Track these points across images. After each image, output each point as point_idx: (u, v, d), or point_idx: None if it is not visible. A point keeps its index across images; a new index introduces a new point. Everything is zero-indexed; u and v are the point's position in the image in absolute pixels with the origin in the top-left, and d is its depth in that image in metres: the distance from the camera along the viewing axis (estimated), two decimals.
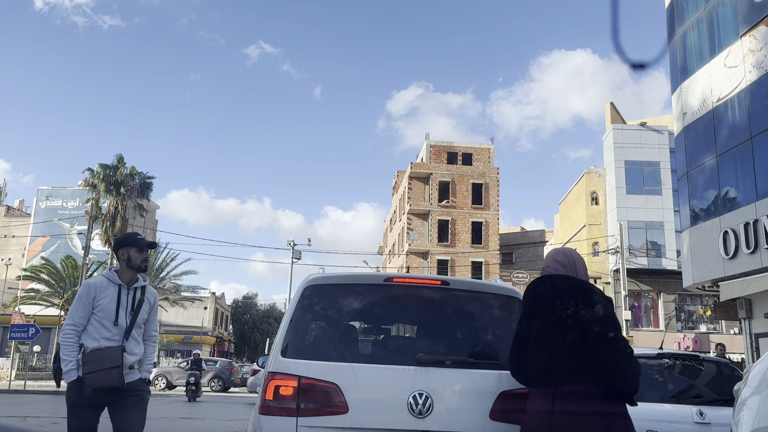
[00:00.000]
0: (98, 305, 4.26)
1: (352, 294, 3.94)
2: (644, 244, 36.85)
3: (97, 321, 4.24)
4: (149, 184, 43.61)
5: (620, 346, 2.89)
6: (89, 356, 4.17)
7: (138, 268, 4.41)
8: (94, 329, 4.23)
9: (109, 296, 4.29)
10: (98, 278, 4.38)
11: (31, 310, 37.38)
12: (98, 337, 4.22)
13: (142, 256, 4.41)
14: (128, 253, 4.38)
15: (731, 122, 18.49)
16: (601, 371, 2.86)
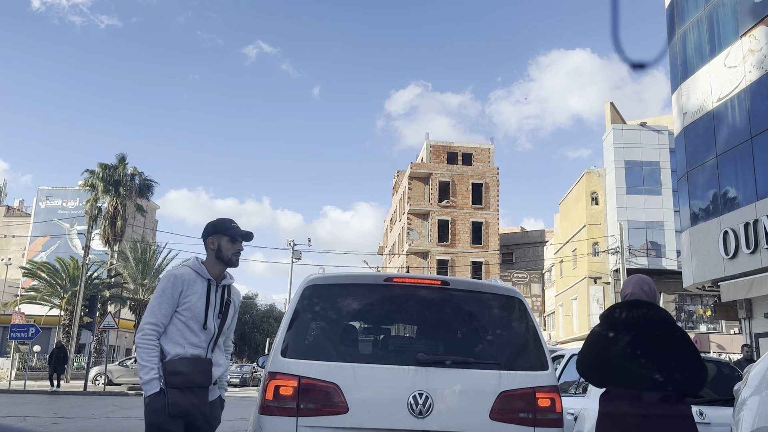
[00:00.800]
0: (185, 302, 3.52)
1: (352, 294, 3.94)
2: (644, 244, 36.85)
3: (181, 322, 3.48)
4: (149, 185, 43.64)
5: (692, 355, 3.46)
6: (173, 365, 3.39)
7: (229, 262, 3.68)
8: (177, 332, 3.47)
9: (197, 292, 3.57)
10: (184, 269, 3.63)
11: (31, 310, 37.37)
12: (182, 342, 3.46)
13: (235, 248, 3.69)
14: (219, 243, 3.66)
15: (731, 122, 18.49)
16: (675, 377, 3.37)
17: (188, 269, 3.62)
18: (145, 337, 3.41)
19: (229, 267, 3.71)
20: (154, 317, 3.46)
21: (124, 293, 42.00)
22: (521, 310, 3.93)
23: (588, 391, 5.37)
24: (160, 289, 3.51)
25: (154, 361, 3.38)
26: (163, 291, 3.50)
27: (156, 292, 3.52)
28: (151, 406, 3.36)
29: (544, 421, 3.55)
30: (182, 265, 3.70)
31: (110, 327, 26.90)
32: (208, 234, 3.71)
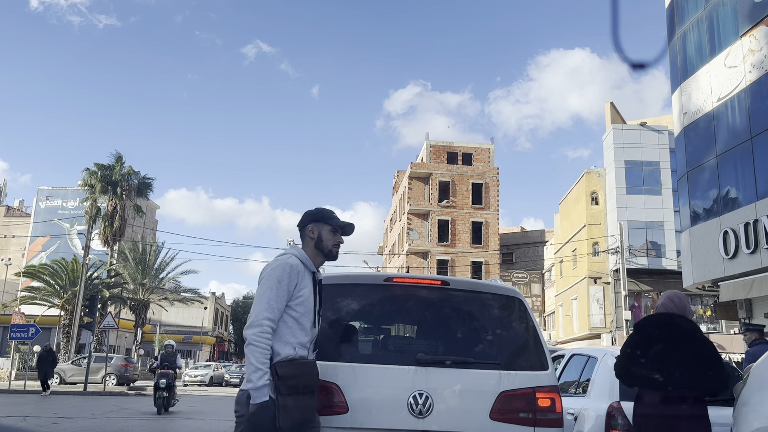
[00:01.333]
0: (299, 296, 3.15)
1: (352, 294, 3.93)
2: (644, 244, 36.84)
3: (293, 318, 3.12)
4: (148, 184, 43.60)
5: (714, 359, 3.92)
6: (286, 368, 3.01)
7: (329, 254, 3.36)
8: (288, 329, 3.10)
9: (308, 286, 3.21)
10: (294, 258, 3.21)
11: (31, 310, 37.37)
12: (293, 342, 3.09)
13: (335, 240, 3.38)
14: (320, 231, 3.36)
15: (731, 122, 18.49)
16: (699, 378, 3.84)
17: (295, 258, 3.22)
18: (263, 335, 2.97)
19: (328, 260, 3.38)
20: (271, 311, 3.02)
21: (124, 293, 41.99)
22: (521, 310, 3.92)
23: (588, 391, 5.37)
24: (275, 280, 3.09)
25: (268, 363, 2.96)
26: (279, 282, 3.09)
27: (269, 282, 3.09)
28: (258, 418, 2.90)
29: (544, 421, 3.55)
30: (287, 253, 3.28)
31: (110, 327, 26.89)
32: (309, 221, 3.39)
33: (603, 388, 5.11)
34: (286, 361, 3.02)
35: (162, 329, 57.23)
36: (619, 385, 5.01)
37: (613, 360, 5.25)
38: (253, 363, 2.93)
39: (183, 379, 39.15)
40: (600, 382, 5.21)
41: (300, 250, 3.33)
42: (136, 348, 38.25)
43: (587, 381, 5.48)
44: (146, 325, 43.84)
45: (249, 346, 2.97)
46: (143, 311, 41.77)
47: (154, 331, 54.29)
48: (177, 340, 61.52)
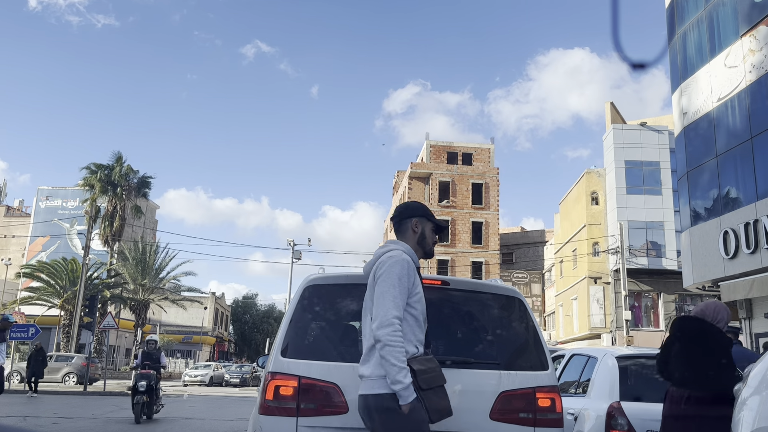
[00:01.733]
0: (416, 293, 3.09)
1: (352, 294, 3.93)
2: (644, 244, 36.84)
3: (412, 316, 3.04)
4: (147, 183, 43.57)
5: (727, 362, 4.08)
6: (421, 363, 2.96)
7: (429, 252, 3.29)
8: (409, 327, 3.02)
9: (419, 283, 3.17)
10: (404, 254, 3.13)
11: (31, 310, 37.39)
12: (413, 340, 3.02)
13: (434, 238, 3.30)
14: (423, 227, 3.28)
15: (731, 122, 18.49)
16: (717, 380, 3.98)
17: (404, 253, 3.11)
18: (396, 334, 2.86)
19: (425, 258, 3.29)
20: (398, 309, 2.93)
21: (124, 293, 41.99)
22: (521, 310, 3.93)
23: (588, 391, 5.37)
24: (396, 277, 2.99)
25: (404, 362, 2.87)
26: (399, 279, 3.00)
27: (391, 279, 2.99)
28: (416, 416, 2.84)
29: (544, 421, 3.55)
30: (395, 249, 3.17)
31: (110, 327, 26.89)
32: (414, 215, 3.26)
33: (603, 388, 5.11)
34: (420, 357, 2.97)
35: (162, 329, 57.26)
36: (619, 385, 5.02)
37: (613, 360, 5.27)
38: (396, 363, 2.84)
39: (183, 379, 39.17)
40: (600, 382, 5.21)
41: (404, 244, 3.21)
42: (136, 348, 38.26)
43: (587, 381, 5.48)
44: (146, 325, 43.82)
45: (386, 347, 2.86)
46: (143, 311, 41.77)
47: (154, 331, 54.27)
48: (177, 340, 61.88)
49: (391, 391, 2.87)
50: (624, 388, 5.00)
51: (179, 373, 49.67)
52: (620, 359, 5.25)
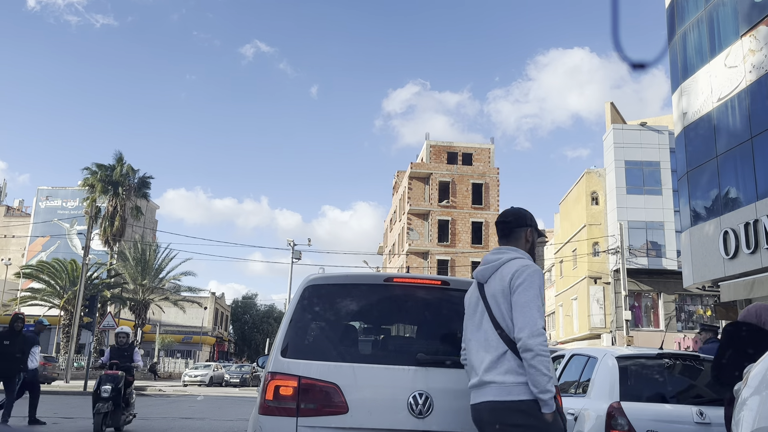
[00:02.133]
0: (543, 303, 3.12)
1: (352, 294, 3.93)
2: (644, 244, 36.84)
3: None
4: (148, 183, 43.61)
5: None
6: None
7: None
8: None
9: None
10: (534, 263, 3.16)
11: (31, 310, 37.39)
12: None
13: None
14: (533, 238, 3.29)
15: (731, 122, 18.49)
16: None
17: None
18: (545, 343, 2.90)
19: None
20: (542, 318, 2.95)
21: (124, 293, 42.01)
22: None
23: (588, 391, 5.37)
24: (537, 287, 2.99)
25: (553, 371, 2.93)
26: (539, 288, 2.99)
27: (534, 290, 2.98)
28: (558, 425, 2.91)
29: None
30: (520, 256, 3.16)
31: (110, 327, 26.84)
32: (529, 224, 3.27)
33: (603, 388, 5.10)
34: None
35: (162, 329, 57.24)
36: (619, 385, 5.02)
37: (613, 360, 5.27)
38: (546, 373, 2.86)
39: (183, 379, 39.15)
40: (600, 382, 5.21)
41: (524, 252, 3.21)
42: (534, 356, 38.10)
43: (587, 381, 5.48)
44: (146, 325, 43.84)
45: (537, 357, 2.85)
46: (143, 311, 41.80)
47: (154, 331, 54.29)
48: (177, 340, 61.91)
49: (533, 398, 2.87)
50: (624, 388, 5.00)
51: (179, 373, 49.66)
52: (620, 359, 5.25)
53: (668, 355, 5.47)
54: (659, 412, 4.89)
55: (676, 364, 5.46)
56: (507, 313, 3.00)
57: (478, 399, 3.01)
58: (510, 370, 2.93)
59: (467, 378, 3.52)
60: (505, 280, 3.02)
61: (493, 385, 2.94)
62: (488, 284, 3.12)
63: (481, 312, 3.11)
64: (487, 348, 3.01)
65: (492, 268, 3.13)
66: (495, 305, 3.04)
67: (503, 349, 2.95)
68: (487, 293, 3.10)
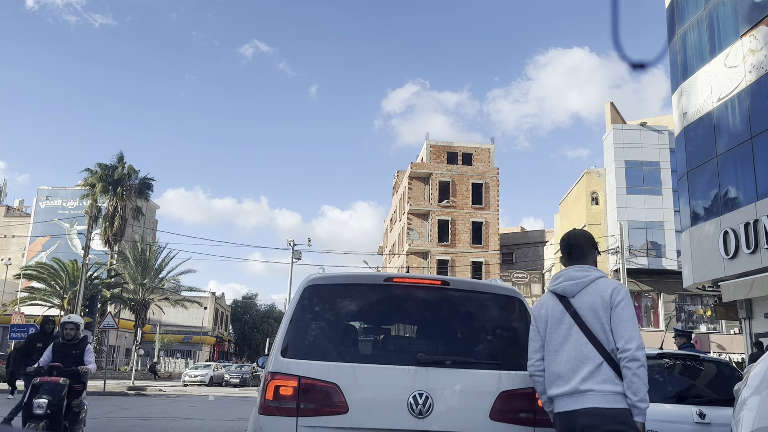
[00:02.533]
0: None
1: (352, 294, 3.94)
2: (644, 244, 36.85)
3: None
4: (149, 184, 43.61)
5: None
6: None
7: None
8: None
9: None
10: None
11: (31, 310, 37.38)
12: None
13: None
14: (596, 258, 3.58)
15: (731, 122, 18.49)
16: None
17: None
18: (644, 356, 3.13)
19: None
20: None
21: (124, 293, 42.00)
22: (521, 310, 3.93)
23: None
24: (632, 304, 3.28)
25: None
26: (634, 307, 3.31)
27: (632, 306, 3.27)
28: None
29: (544, 421, 3.55)
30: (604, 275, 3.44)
31: (110, 327, 26.88)
32: (595, 246, 3.55)
33: None
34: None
35: (162, 329, 57.25)
36: None
37: None
38: (646, 383, 3.06)
39: (183, 379, 39.14)
40: None
41: (600, 270, 3.47)
42: (136, 348, 38.27)
43: None
44: (146, 325, 43.83)
45: (641, 367, 3.06)
46: (143, 311, 41.79)
47: (154, 331, 54.30)
48: (177, 340, 61.91)
49: (627, 407, 3.06)
50: None
51: (179, 373, 49.65)
52: None
53: (668, 355, 5.47)
54: (659, 412, 4.88)
55: (676, 364, 5.46)
56: (606, 326, 3.17)
57: (574, 406, 3.13)
58: (607, 380, 3.09)
59: (468, 378, 3.52)
60: (605, 295, 3.21)
61: (592, 393, 3.09)
62: (577, 298, 3.27)
63: (568, 324, 3.25)
64: (583, 359, 3.15)
65: (581, 284, 3.30)
66: (593, 319, 3.20)
67: (599, 360, 3.12)
68: (577, 307, 3.25)
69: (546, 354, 3.35)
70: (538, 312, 3.43)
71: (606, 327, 3.15)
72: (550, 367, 3.30)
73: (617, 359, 3.10)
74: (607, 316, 3.16)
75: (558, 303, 3.33)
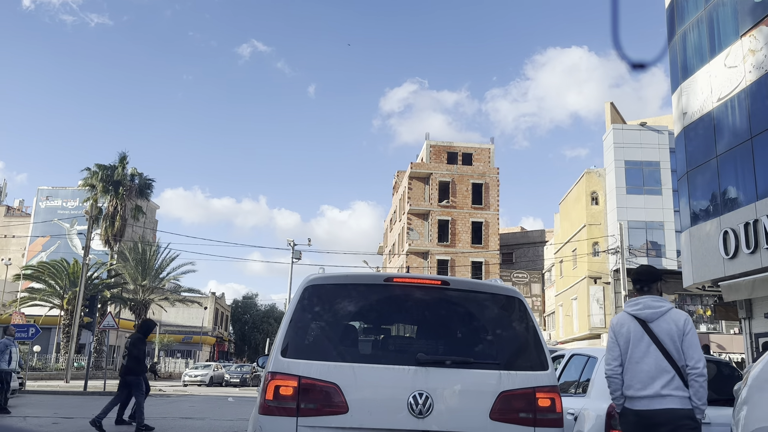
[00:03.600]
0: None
1: (352, 294, 3.93)
2: (644, 244, 36.84)
3: None
4: (149, 184, 43.59)
5: None
6: None
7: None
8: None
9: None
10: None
11: (32, 310, 37.36)
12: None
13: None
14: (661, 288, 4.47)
15: (731, 122, 18.48)
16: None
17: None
18: (706, 372, 4.03)
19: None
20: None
21: (124, 293, 41.99)
22: (521, 310, 3.93)
23: (588, 391, 5.37)
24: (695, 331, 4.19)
25: None
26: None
27: (696, 334, 4.17)
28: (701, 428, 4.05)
29: (544, 421, 3.55)
30: (673, 306, 4.36)
31: (110, 327, 26.86)
32: (660, 278, 4.40)
33: (603, 388, 5.10)
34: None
35: (162, 329, 57.24)
36: None
37: None
38: (706, 392, 3.97)
39: (183, 379, 39.14)
40: (600, 382, 5.21)
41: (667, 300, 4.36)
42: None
43: (587, 381, 5.48)
44: None
45: (705, 381, 3.97)
46: (143, 311, 41.77)
47: (154, 331, 54.24)
48: (177, 340, 61.89)
49: (692, 407, 3.97)
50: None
51: (179, 373, 49.64)
52: None
53: None
54: None
55: None
56: (679, 347, 4.05)
57: (656, 406, 3.96)
58: (678, 387, 3.97)
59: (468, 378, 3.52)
60: (679, 324, 4.09)
61: (671, 397, 3.94)
62: (655, 324, 4.12)
63: (647, 343, 4.09)
64: (662, 371, 4.01)
65: (658, 314, 4.15)
66: (669, 341, 4.06)
67: (673, 372, 4.01)
68: (656, 331, 4.10)
69: (627, 363, 4.12)
70: (619, 329, 4.21)
71: (678, 348, 4.03)
72: (631, 374, 4.09)
73: (685, 374, 3.97)
74: (679, 340, 4.05)
75: (638, 325, 4.14)
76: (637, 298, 4.30)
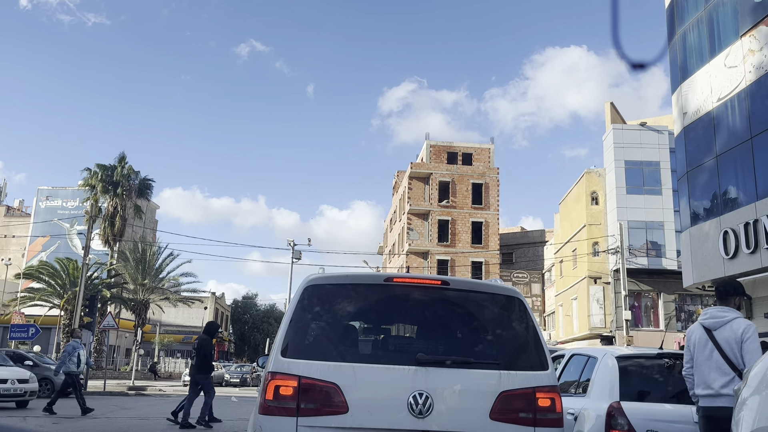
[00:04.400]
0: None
1: (352, 294, 3.93)
2: (644, 244, 36.84)
3: None
4: (149, 184, 43.60)
5: None
6: None
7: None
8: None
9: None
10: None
11: (31, 310, 37.37)
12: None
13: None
14: (741, 303, 4.92)
15: (731, 122, 18.49)
16: None
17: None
18: None
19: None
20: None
21: (124, 293, 41.99)
22: (521, 310, 3.93)
23: (588, 391, 5.38)
24: (757, 339, 4.56)
25: None
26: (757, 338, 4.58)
27: (756, 341, 4.55)
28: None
29: (544, 421, 3.55)
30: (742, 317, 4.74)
31: (110, 327, 26.90)
32: (741, 293, 4.88)
33: (603, 388, 5.11)
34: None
35: (162, 329, 57.24)
36: (619, 385, 5.02)
37: (613, 360, 5.26)
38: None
39: (183, 379, 39.12)
40: (600, 382, 5.21)
41: (737, 311, 4.76)
42: (136, 348, 38.30)
43: (587, 381, 5.48)
44: (146, 325, 43.82)
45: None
46: (143, 311, 41.78)
47: (154, 331, 54.28)
48: (177, 340, 61.90)
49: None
50: (624, 388, 5.00)
51: (179, 373, 49.63)
52: (620, 359, 5.26)
53: (668, 355, 5.47)
54: (659, 411, 4.89)
55: (676, 363, 5.46)
56: (738, 353, 4.52)
57: (715, 404, 4.50)
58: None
59: (468, 378, 3.52)
60: (738, 332, 4.56)
61: (727, 397, 4.39)
62: (718, 332, 4.64)
63: (711, 348, 4.63)
64: (721, 374, 4.52)
65: (721, 322, 4.66)
66: (728, 348, 4.56)
67: (732, 374, 4.49)
68: (718, 338, 4.62)
69: (694, 366, 4.72)
70: (690, 336, 4.83)
71: (737, 354, 4.51)
72: (698, 375, 4.68)
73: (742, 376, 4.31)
74: (738, 347, 4.53)
75: (704, 333, 4.71)
76: (708, 308, 4.89)
